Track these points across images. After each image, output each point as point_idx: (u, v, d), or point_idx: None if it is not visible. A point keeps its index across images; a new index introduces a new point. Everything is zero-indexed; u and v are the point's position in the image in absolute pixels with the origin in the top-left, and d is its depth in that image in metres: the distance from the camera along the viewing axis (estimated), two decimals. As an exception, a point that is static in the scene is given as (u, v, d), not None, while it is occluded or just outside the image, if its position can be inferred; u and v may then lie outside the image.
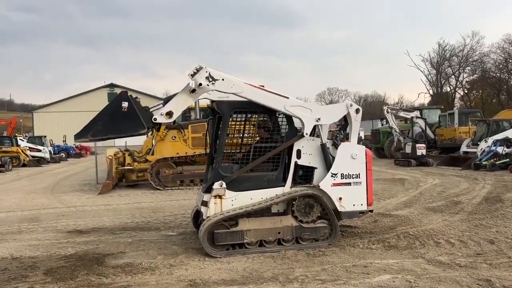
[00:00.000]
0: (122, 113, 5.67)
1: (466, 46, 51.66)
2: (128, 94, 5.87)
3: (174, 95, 6.20)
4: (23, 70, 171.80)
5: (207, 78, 5.86)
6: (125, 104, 5.68)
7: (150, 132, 15.69)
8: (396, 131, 21.75)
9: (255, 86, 6.12)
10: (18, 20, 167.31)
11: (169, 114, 5.87)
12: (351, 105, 6.43)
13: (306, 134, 6.20)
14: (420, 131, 20.17)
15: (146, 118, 5.78)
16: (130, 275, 5.24)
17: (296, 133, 6.31)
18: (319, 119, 6.21)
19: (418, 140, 19.40)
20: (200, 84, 5.83)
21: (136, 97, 5.94)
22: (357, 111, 6.40)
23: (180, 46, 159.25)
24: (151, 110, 5.92)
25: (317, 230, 6.17)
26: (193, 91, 5.88)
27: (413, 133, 20.22)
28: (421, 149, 18.93)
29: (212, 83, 5.89)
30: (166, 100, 6.01)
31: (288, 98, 6.18)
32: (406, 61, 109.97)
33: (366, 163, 6.36)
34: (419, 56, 62.95)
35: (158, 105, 6.07)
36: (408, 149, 19.35)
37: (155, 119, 5.83)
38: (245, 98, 6.05)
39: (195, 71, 5.89)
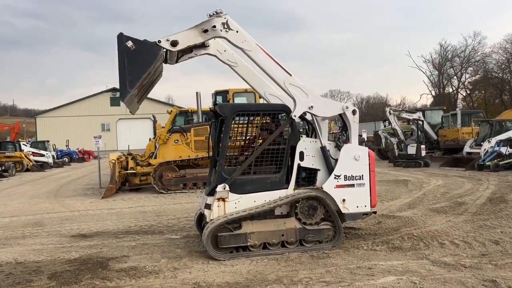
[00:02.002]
0: (133, 52, 5.70)
1: (468, 46, 51.51)
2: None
3: None
4: (26, 75, 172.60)
5: (223, 24, 5.91)
6: (129, 44, 5.73)
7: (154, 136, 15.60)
8: (384, 132, 21.93)
9: (266, 52, 6.11)
10: (22, 26, 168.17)
11: (174, 43, 5.88)
12: (347, 107, 6.39)
13: (295, 116, 6.15)
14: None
15: (152, 43, 5.85)
16: (134, 278, 5.25)
17: (299, 137, 6.31)
18: (311, 107, 6.18)
19: (421, 141, 19.67)
20: (214, 27, 5.87)
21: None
22: (353, 112, 6.37)
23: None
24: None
25: (320, 232, 6.16)
26: (205, 31, 5.92)
27: (417, 134, 20.31)
28: (423, 150, 19.44)
29: (226, 31, 5.92)
30: None
31: (291, 75, 6.16)
32: (407, 62, 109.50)
33: (369, 164, 6.34)
34: (420, 57, 62.54)
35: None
36: (411, 150, 19.51)
37: (159, 41, 5.85)
38: (251, 58, 6.07)
39: (215, 13, 5.93)
